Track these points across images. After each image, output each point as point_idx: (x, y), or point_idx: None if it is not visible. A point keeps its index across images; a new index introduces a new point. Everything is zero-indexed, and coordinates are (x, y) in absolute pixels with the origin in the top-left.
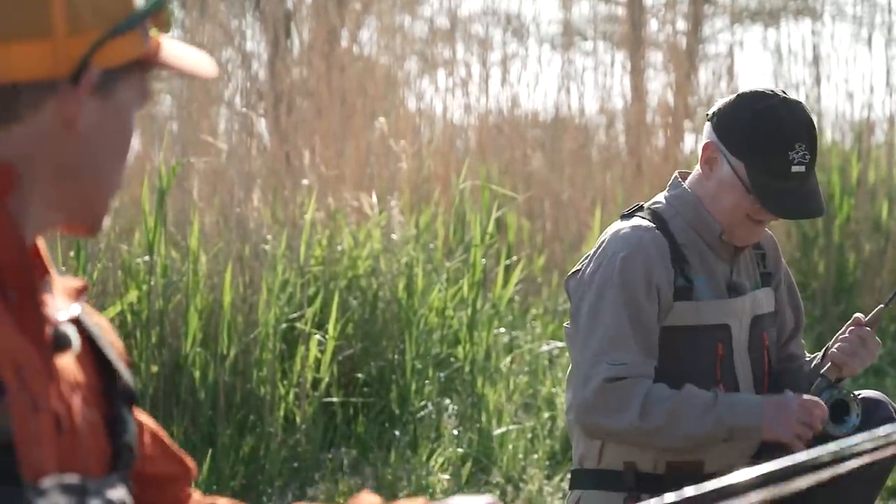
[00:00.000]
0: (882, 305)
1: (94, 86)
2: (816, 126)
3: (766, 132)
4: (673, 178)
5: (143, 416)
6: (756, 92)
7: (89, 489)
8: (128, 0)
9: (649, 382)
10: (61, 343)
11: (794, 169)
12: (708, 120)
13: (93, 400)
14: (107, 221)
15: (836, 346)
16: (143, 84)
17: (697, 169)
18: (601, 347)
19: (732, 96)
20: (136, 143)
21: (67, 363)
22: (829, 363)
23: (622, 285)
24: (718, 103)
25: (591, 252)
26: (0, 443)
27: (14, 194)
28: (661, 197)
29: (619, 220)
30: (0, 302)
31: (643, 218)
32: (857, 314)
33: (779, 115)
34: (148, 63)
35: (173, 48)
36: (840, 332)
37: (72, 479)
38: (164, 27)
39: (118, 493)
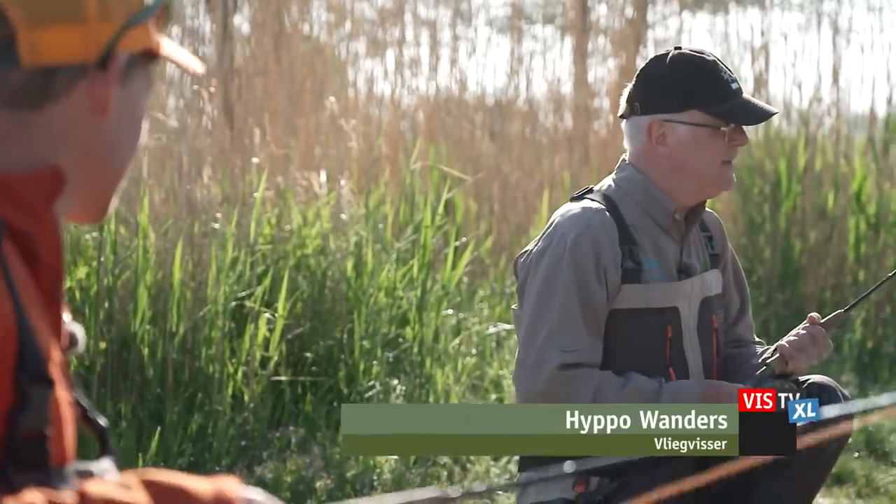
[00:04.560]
0: (841, 311)
1: (121, 71)
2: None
3: (693, 73)
4: (620, 160)
5: None
6: (650, 62)
7: (95, 474)
8: None
9: (598, 371)
10: (73, 342)
11: (734, 86)
12: (623, 117)
13: None
14: (113, 206)
15: (786, 339)
16: (150, 74)
17: (638, 150)
18: (552, 330)
19: (633, 81)
20: (146, 131)
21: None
22: (777, 354)
23: (573, 266)
24: (625, 96)
25: (541, 233)
26: (36, 431)
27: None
28: (609, 180)
29: (569, 202)
30: (55, 302)
31: (593, 200)
32: (813, 313)
33: (687, 58)
34: (153, 54)
35: (167, 44)
36: (796, 328)
37: (84, 465)
38: (163, 24)
39: (114, 476)
